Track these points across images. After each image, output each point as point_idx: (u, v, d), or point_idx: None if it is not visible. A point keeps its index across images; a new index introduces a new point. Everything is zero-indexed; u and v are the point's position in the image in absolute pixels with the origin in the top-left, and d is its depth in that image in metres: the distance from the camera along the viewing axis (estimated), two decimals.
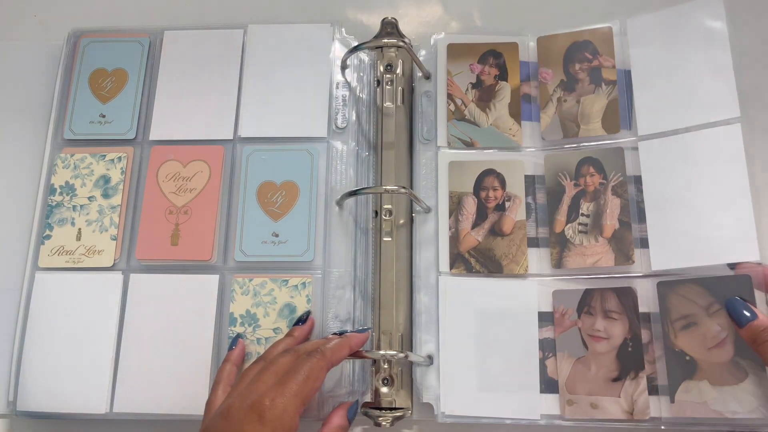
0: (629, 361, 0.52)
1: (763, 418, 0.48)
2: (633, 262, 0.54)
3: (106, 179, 0.60)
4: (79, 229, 0.58)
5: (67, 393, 0.54)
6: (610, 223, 0.56)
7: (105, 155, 0.60)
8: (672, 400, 0.50)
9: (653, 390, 0.51)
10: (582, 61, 0.60)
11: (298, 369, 0.45)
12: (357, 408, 0.52)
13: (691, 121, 0.55)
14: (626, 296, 0.54)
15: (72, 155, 0.60)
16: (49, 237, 0.58)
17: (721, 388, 0.49)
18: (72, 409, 0.54)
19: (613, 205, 0.56)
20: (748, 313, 0.49)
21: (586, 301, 0.54)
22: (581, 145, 0.58)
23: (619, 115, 0.58)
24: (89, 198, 0.59)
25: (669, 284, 0.53)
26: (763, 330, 0.47)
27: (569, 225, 0.56)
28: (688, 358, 0.51)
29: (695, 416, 0.50)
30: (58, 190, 0.60)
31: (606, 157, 0.57)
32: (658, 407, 0.51)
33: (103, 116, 0.62)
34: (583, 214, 0.56)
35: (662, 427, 0.51)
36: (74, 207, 0.59)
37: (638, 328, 0.53)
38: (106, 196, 0.59)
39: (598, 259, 0.55)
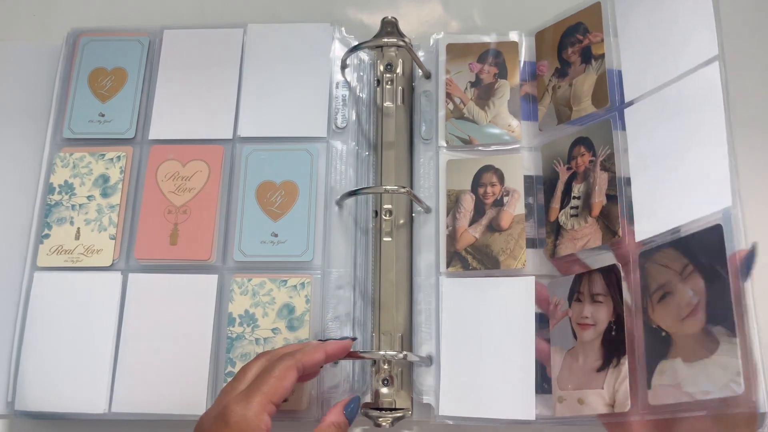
0: (612, 347, 0.50)
1: (734, 397, 0.43)
2: (619, 237, 0.52)
3: (105, 178, 0.59)
4: (78, 228, 0.58)
5: (66, 393, 0.54)
6: (599, 200, 0.54)
7: (104, 154, 0.60)
8: (649, 386, 0.47)
9: (633, 377, 0.48)
10: (573, 44, 0.59)
11: (268, 370, 0.46)
12: (358, 404, 0.51)
13: (672, 73, 0.52)
14: (610, 275, 0.51)
15: (71, 154, 0.60)
16: (47, 236, 0.58)
17: (693, 365, 0.45)
18: (71, 409, 0.54)
19: (601, 181, 0.54)
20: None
21: (576, 288, 0.53)
22: (574, 125, 0.57)
23: (608, 87, 0.56)
24: (88, 197, 0.59)
25: (648, 254, 0.50)
26: None
27: (562, 211, 0.55)
28: (663, 334, 0.47)
29: (669, 402, 0.46)
30: (57, 189, 0.59)
31: (595, 133, 0.56)
32: (635, 396, 0.48)
33: (103, 115, 0.61)
34: (574, 197, 0.55)
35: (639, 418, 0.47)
36: (73, 206, 0.59)
37: (621, 309, 0.50)
38: (104, 195, 0.59)
39: (587, 240, 0.53)
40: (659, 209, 0.50)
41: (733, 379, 0.43)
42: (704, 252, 0.46)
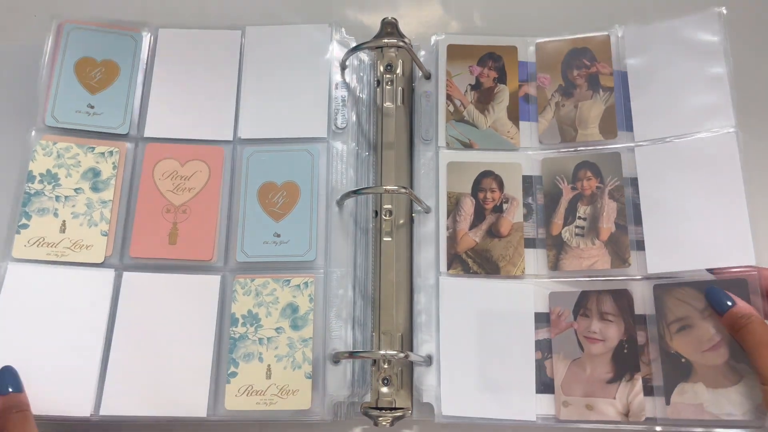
0: (624, 362, 0.54)
1: (758, 420, 0.50)
2: (629, 264, 0.55)
3: (95, 172, 0.58)
4: (64, 221, 0.56)
5: (45, 393, 0.52)
6: (607, 226, 0.57)
7: (94, 148, 0.58)
8: (667, 402, 0.52)
9: (649, 392, 0.53)
10: (580, 67, 0.61)
11: None
12: (4, 373, 0.50)
13: (687, 129, 0.57)
14: (622, 299, 0.55)
15: (54, 143, 0.58)
16: (26, 226, 0.56)
17: (716, 391, 0.51)
18: (49, 412, 0.51)
19: (609, 209, 0.57)
20: (728, 302, 0.50)
21: (582, 303, 0.56)
22: (579, 149, 0.60)
23: (616, 121, 0.59)
24: (75, 190, 0.57)
25: (665, 287, 0.54)
26: (741, 316, 0.49)
27: (566, 228, 0.58)
28: (683, 360, 0.52)
29: (690, 418, 0.51)
30: (38, 178, 0.57)
31: (603, 162, 0.58)
32: (653, 409, 0.52)
33: (92, 107, 0.60)
34: (579, 217, 0.58)
35: (657, 429, 0.52)
36: (57, 197, 0.57)
37: (633, 330, 0.54)
38: (95, 189, 0.57)
39: (594, 261, 0.56)
40: (672, 248, 0.54)
41: (756, 406, 0.49)
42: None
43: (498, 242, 0.58)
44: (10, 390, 0.50)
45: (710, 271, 0.53)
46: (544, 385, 0.54)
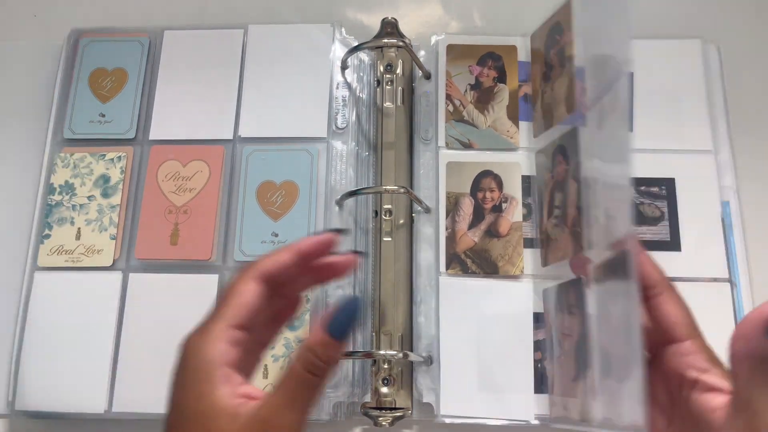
0: (582, 359, 0.48)
1: None
2: (584, 251, 0.48)
3: (105, 179, 0.60)
4: (79, 228, 0.58)
5: (66, 392, 0.54)
6: (571, 210, 0.51)
7: (105, 155, 0.60)
8: None
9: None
10: (553, 45, 0.58)
11: (225, 289, 0.38)
12: (352, 311, 0.35)
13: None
14: (577, 289, 0.50)
15: (72, 155, 0.60)
16: (48, 236, 0.58)
17: None
18: (70, 409, 0.54)
19: (572, 191, 0.51)
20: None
21: (561, 298, 0.53)
22: (555, 134, 0.56)
23: (575, 91, 0.52)
24: (89, 197, 0.59)
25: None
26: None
27: (549, 220, 0.56)
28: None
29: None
30: (58, 190, 0.60)
31: (568, 142, 0.54)
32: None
33: (103, 116, 0.62)
34: (556, 206, 0.55)
35: None
36: (74, 206, 0.59)
37: (585, 322, 0.47)
38: (105, 195, 0.59)
39: (564, 251, 0.52)
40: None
41: None
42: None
43: (497, 242, 0.57)
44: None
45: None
46: (544, 385, 0.53)
